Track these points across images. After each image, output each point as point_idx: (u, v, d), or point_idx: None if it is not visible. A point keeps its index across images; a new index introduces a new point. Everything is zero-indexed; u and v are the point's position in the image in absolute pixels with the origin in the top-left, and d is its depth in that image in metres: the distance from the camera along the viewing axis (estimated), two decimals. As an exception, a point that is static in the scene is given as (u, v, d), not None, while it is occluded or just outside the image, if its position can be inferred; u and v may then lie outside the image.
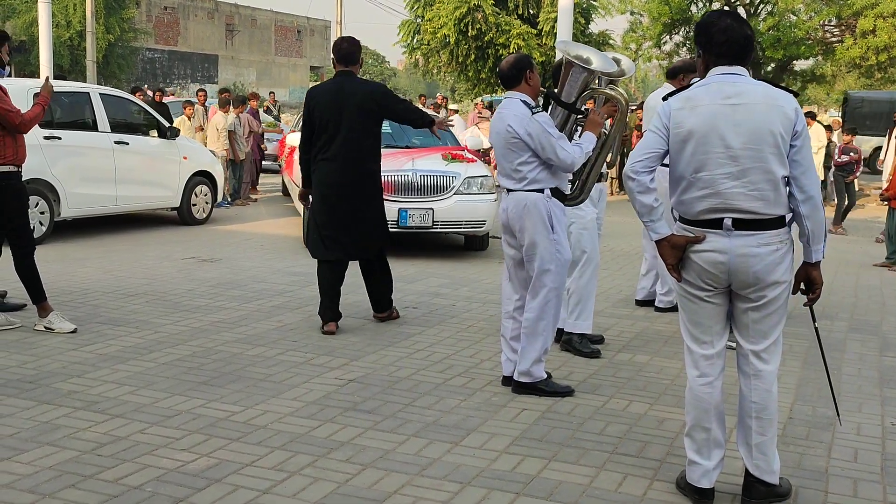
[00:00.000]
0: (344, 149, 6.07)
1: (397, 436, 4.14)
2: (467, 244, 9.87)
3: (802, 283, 3.43)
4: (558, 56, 5.49)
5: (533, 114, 4.69)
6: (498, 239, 10.79)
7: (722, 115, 3.26)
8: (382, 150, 8.77)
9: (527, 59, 4.94)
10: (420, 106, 21.73)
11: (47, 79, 6.48)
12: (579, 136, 4.89)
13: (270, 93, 28.26)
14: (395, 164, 8.97)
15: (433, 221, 8.94)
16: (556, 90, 5.00)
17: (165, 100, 18.38)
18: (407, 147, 9.86)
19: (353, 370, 5.17)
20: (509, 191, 4.81)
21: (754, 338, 3.44)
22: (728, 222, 3.29)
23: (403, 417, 4.40)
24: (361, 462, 3.81)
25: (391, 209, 7.98)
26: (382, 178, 7.68)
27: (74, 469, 3.61)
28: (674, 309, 7.08)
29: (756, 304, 3.38)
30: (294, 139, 10.13)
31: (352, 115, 6.03)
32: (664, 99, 3.49)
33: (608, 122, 5.16)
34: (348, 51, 6.19)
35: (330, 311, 6.13)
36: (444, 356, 5.54)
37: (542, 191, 4.76)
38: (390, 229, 7.80)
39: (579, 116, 4.97)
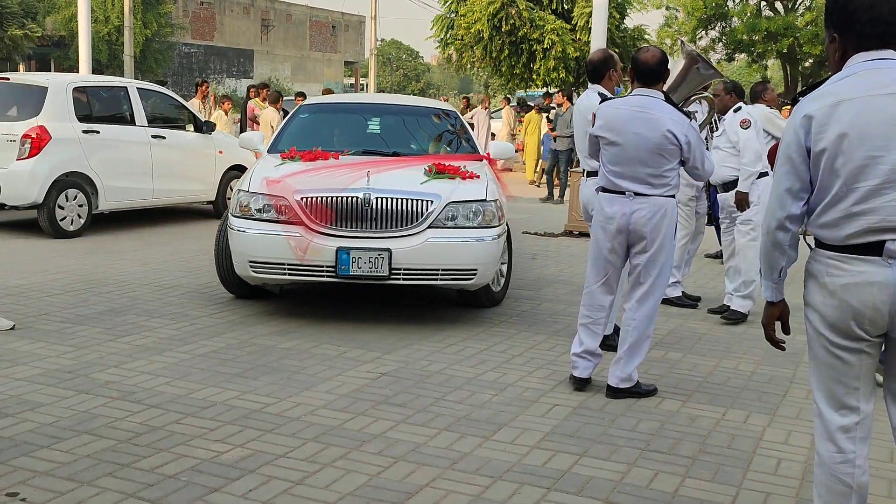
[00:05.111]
0: None
1: (429, 429, 4.15)
2: (462, 299, 6.78)
3: None
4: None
5: (691, 120, 4.54)
6: (536, 235, 10.82)
7: (882, 109, 2.55)
8: (347, 156, 6.71)
9: (665, 54, 4.68)
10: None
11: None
12: None
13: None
14: (341, 180, 6.08)
15: (390, 269, 5.85)
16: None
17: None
18: (394, 154, 7.06)
19: (386, 364, 5.19)
20: (636, 194, 4.57)
21: None
22: (893, 246, 2.58)
23: (435, 411, 4.42)
24: (393, 455, 3.83)
25: (326, 248, 5.85)
26: (316, 199, 5.92)
27: (112, 458, 3.67)
28: (671, 302, 7.00)
29: None
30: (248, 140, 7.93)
31: None
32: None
33: None
34: None
35: None
36: (476, 351, 5.55)
37: (674, 196, 4.65)
38: (323, 277, 5.89)
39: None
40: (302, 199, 5.94)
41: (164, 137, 10.42)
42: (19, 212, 9.64)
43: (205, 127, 11.15)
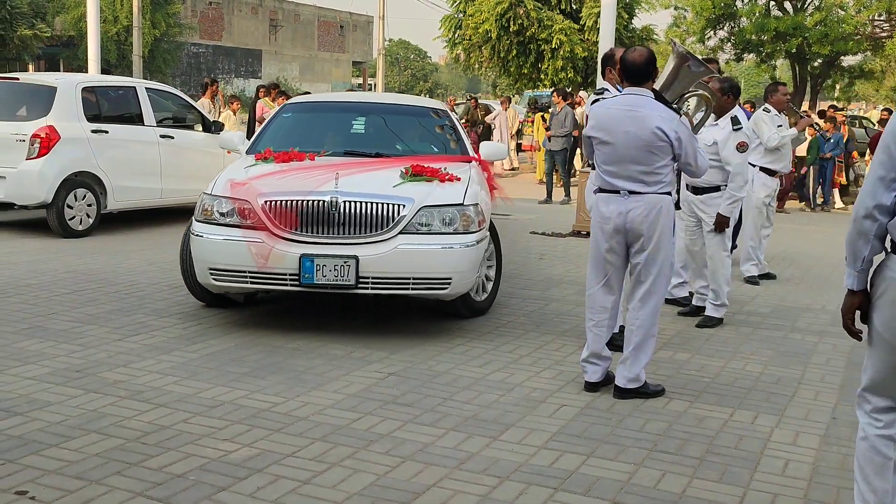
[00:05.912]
0: None
1: (436, 429, 4.16)
2: (441, 310, 6.38)
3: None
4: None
5: (679, 115, 4.54)
6: (544, 235, 10.81)
7: None
8: (323, 157, 6.40)
9: (652, 53, 4.70)
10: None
11: None
12: None
13: None
14: (308, 183, 5.73)
15: (357, 278, 5.50)
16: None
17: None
18: (377, 156, 6.61)
19: (393, 363, 5.20)
20: (631, 193, 4.58)
21: None
22: None
23: (442, 411, 4.42)
24: (400, 455, 3.83)
25: (288, 255, 5.49)
26: (280, 203, 5.56)
27: (120, 457, 3.69)
28: (678, 302, 6.99)
29: None
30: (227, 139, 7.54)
31: None
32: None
33: None
34: None
35: None
36: (483, 351, 5.55)
37: (670, 193, 4.64)
38: (287, 286, 5.57)
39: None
40: (265, 202, 5.61)
41: (172, 137, 10.45)
42: (28, 211, 9.68)
43: (213, 127, 11.17)
